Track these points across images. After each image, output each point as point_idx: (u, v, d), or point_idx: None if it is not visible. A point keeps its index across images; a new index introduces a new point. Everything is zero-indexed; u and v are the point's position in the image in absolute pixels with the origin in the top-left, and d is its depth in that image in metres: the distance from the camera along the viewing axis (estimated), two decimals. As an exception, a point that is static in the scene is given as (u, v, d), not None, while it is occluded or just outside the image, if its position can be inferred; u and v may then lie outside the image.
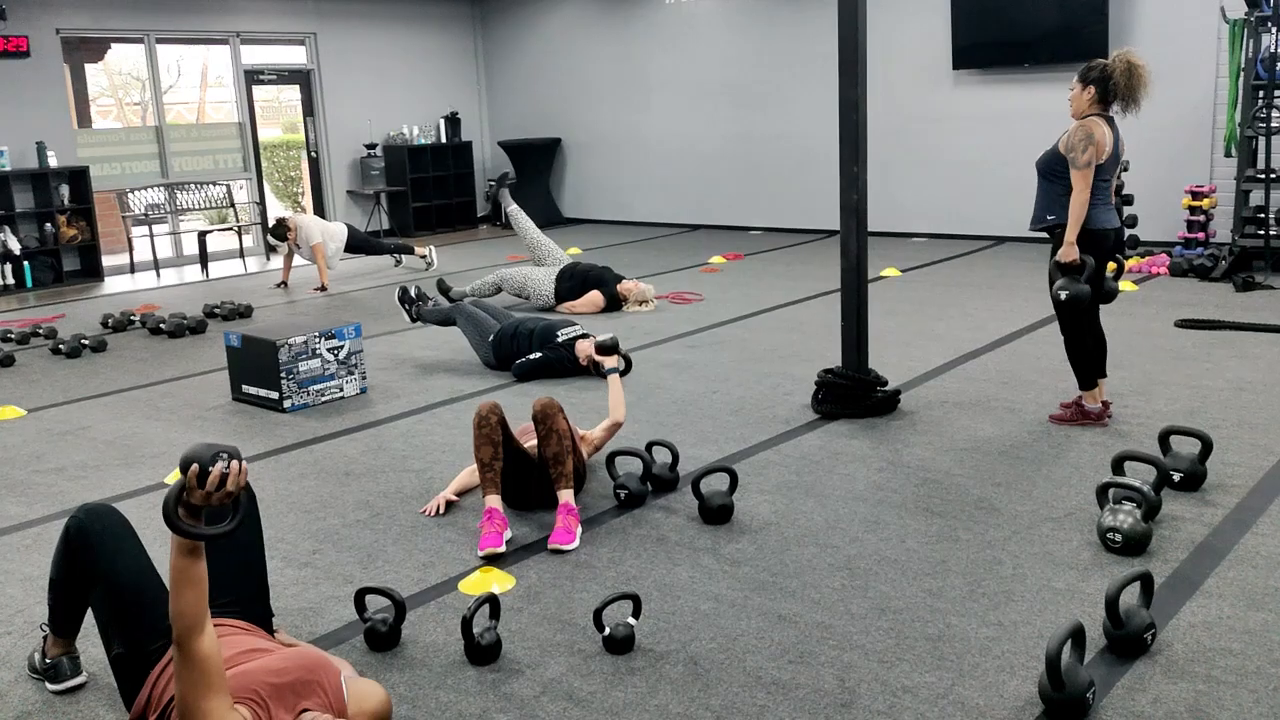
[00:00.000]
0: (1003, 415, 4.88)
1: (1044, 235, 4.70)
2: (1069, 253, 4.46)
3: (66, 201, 10.53)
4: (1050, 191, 4.55)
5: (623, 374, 4.44)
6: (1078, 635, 2.59)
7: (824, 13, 10.51)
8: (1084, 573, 3.29)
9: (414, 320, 6.63)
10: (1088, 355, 4.64)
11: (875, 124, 5.17)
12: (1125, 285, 7.54)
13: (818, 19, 10.80)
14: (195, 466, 2.08)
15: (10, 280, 10.11)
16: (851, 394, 4.95)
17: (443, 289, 8.27)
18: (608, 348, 4.43)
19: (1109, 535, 3.40)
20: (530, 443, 3.97)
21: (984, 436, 4.61)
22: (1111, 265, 4.78)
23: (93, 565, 2.59)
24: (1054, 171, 4.52)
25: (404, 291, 6.67)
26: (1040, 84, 9.60)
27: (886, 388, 5.05)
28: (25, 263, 10.17)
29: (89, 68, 13.17)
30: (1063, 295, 4.49)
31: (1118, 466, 3.78)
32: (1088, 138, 4.37)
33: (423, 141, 13.31)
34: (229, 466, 2.10)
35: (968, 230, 10.41)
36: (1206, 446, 3.89)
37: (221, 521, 2.17)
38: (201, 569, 2.15)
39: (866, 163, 4.88)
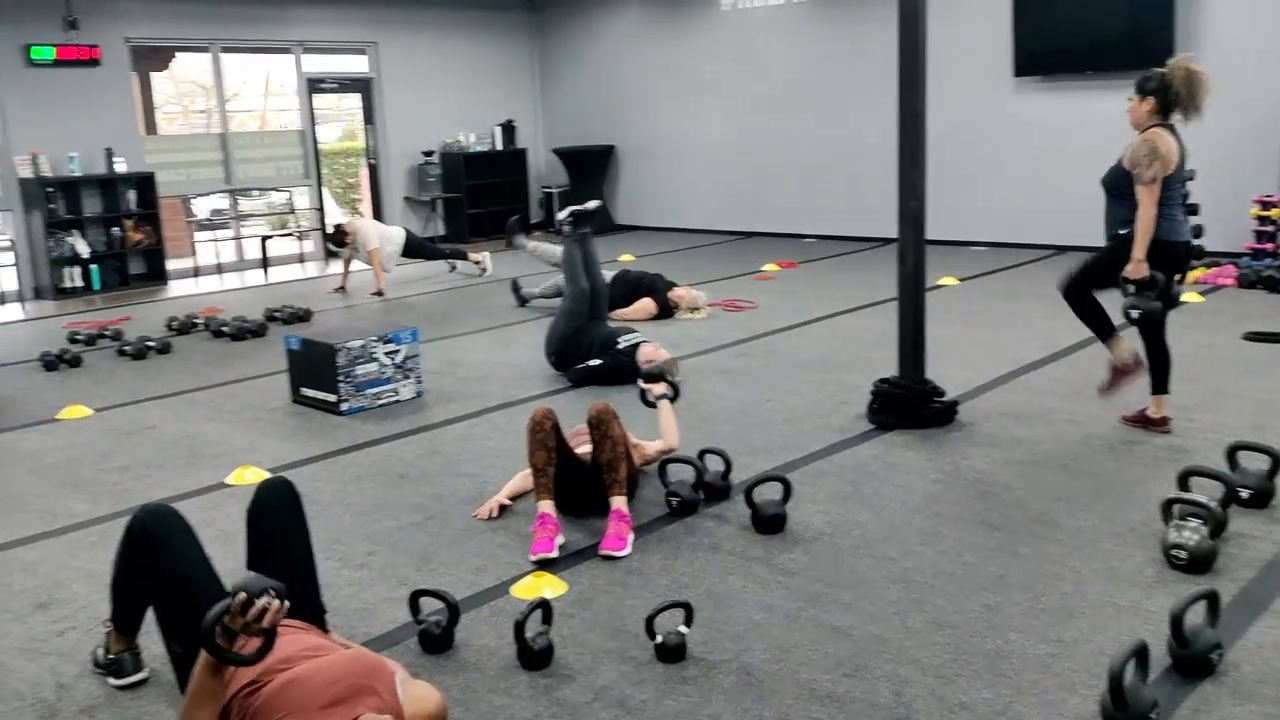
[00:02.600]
0: (1064, 428, 4.79)
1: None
2: (1138, 269, 4.37)
3: (133, 206, 10.78)
4: (1120, 208, 4.47)
5: (672, 400, 4.41)
6: (1141, 654, 2.53)
7: (881, 17, 10.43)
8: (1148, 590, 3.21)
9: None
10: (1168, 362, 4.59)
11: (934, 130, 5.09)
12: (1192, 297, 7.37)
13: (875, 24, 10.72)
14: (243, 595, 2.18)
15: (79, 283, 10.37)
16: (908, 404, 4.89)
17: (515, 287, 8.60)
18: (655, 375, 4.39)
19: (1174, 552, 3.32)
20: (583, 448, 3.97)
21: (1044, 449, 4.53)
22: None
23: (153, 565, 2.64)
24: (1121, 188, 4.43)
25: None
26: (1104, 92, 9.42)
27: (944, 398, 4.98)
28: (93, 266, 10.44)
29: (156, 76, 13.51)
30: (1134, 314, 4.41)
31: (1183, 482, 3.70)
32: (1152, 152, 4.28)
33: (479, 149, 13.44)
34: (270, 604, 2.19)
35: (1028, 239, 10.25)
36: (1276, 462, 3.79)
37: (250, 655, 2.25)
38: (222, 688, 2.26)
39: (925, 170, 4.82)
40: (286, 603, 2.22)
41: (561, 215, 6.46)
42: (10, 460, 5.06)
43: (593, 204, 6.60)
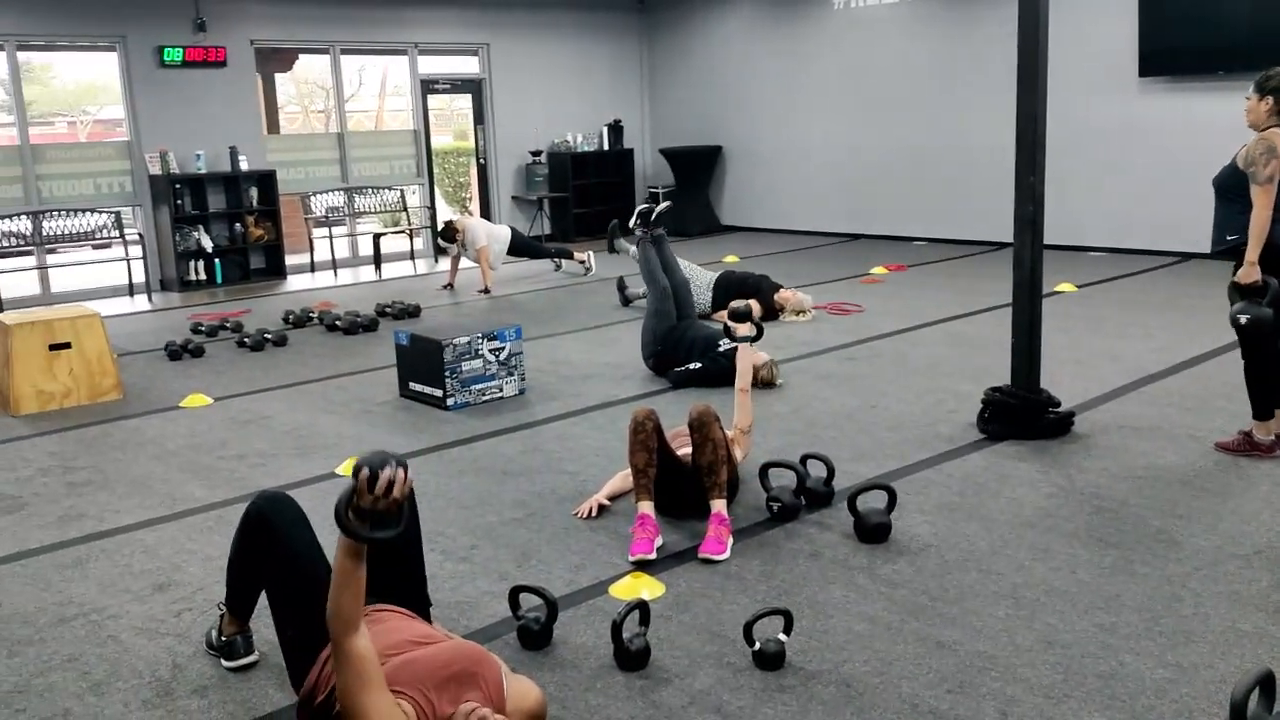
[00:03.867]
0: (1186, 443, 4.59)
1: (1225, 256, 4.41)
2: (1249, 274, 4.16)
3: (255, 203, 11.17)
4: (1229, 211, 4.26)
5: (753, 341, 4.35)
6: (1266, 682, 2.39)
7: (996, 16, 10.17)
8: (1274, 616, 3.05)
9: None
10: (1267, 383, 4.33)
11: (1053, 132, 4.93)
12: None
13: (990, 22, 10.45)
14: (366, 470, 2.16)
15: (202, 276, 10.80)
16: (1021, 414, 4.74)
17: (620, 286, 8.69)
18: (741, 313, 4.33)
19: (1306, 578, 3.15)
20: (684, 450, 3.95)
21: (1165, 464, 4.34)
22: None
23: (269, 549, 2.72)
24: (1232, 190, 4.22)
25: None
26: (1235, 93, 8.92)
27: (1059, 409, 4.81)
28: (216, 260, 10.85)
29: (278, 77, 13.96)
30: (1242, 320, 4.20)
31: (1317, 504, 3.50)
32: (1269, 150, 4.07)
33: (585, 149, 13.54)
34: (395, 474, 2.17)
35: (1150, 245, 9.86)
36: None
37: (386, 528, 2.23)
38: (362, 573, 2.24)
39: (1044, 173, 4.67)
40: (411, 475, 2.20)
41: (633, 221, 6.47)
42: (135, 445, 5.29)
43: (663, 205, 6.58)
